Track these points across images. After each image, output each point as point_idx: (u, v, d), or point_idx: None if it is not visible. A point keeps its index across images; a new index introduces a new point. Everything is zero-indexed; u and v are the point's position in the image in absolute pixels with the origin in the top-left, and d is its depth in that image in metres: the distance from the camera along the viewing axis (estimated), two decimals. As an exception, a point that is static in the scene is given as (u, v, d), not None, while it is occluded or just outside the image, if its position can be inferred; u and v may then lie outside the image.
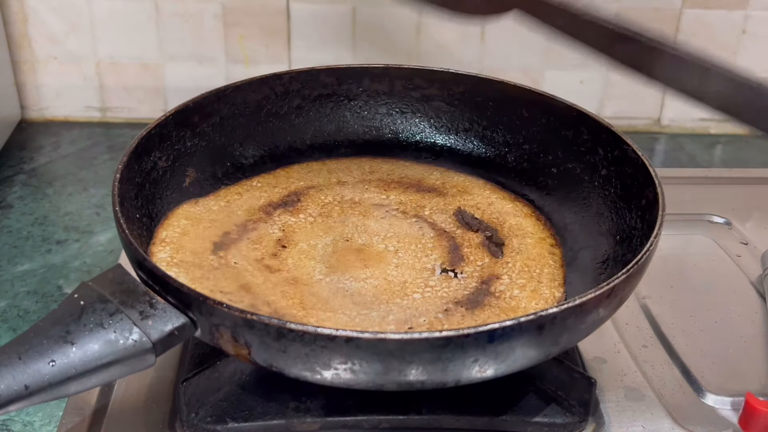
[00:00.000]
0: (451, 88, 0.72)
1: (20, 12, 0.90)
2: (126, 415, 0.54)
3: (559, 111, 0.67)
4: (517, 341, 0.45)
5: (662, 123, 0.98)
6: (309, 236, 0.62)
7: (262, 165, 0.70)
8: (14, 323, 0.64)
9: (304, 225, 0.64)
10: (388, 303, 0.56)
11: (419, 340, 0.43)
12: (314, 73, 0.71)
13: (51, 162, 0.88)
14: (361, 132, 0.73)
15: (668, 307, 0.66)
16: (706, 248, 0.74)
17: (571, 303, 0.46)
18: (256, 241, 0.61)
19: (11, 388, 0.42)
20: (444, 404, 0.54)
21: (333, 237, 0.63)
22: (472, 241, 0.63)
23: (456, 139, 0.73)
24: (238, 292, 0.55)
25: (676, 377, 0.59)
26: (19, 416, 0.56)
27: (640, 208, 0.58)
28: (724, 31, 0.92)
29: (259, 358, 0.46)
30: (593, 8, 0.53)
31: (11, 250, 0.73)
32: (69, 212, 0.79)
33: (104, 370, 0.45)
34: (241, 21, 0.91)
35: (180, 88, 0.94)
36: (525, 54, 0.93)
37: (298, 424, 0.53)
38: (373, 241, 0.62)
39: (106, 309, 0.46)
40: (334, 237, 0.63)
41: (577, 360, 0.59)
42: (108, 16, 0.90)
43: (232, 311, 0.44)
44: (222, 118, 0.67)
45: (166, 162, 0.63)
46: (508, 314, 0.55)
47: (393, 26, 0.91)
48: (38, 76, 0.93)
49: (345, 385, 0.46)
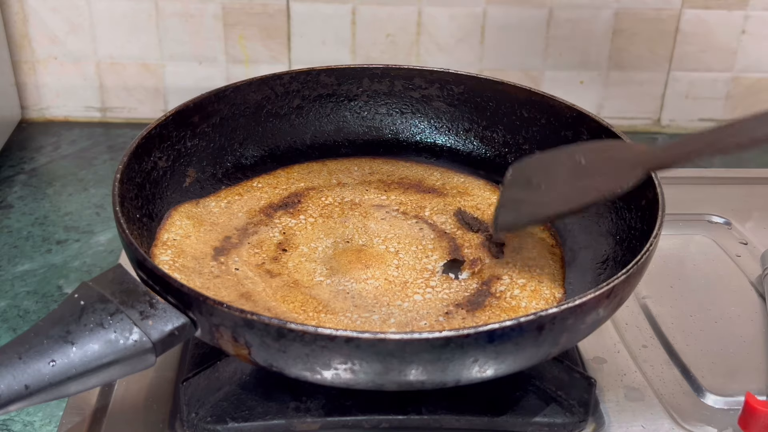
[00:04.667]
0: (451, 88, 0.72)
1: (20, 12, 0.90)
2: (126, 415, 0.54)
3: (558, 111, 0.67)
4: (517, 341, 0.45)
5: (662, 123, 0.98)
6: (309, 238, 0.62)
7: (262, 165, 0.70)
8: (14, 323, 0.64)
9: (304, 227, 0.64)
10: (389, 305, 0.56)
11: (419, 340, 0.43)
12: (314, 73, 0.71)
13: (51, 162, 0.88)
14: (361, 132, 0.73)
15: (668, 307, 0.66)
16: (706, 248, 0.74)
17: (571, 303, 0.46)
18: (257, 245, 0.61)
19: (11, 388, 0.42)
20: (444, 404, 0.54)
21: (333, 238, 0.63)
22: (472, 242, 0.63)
23: (456, 140, 0.73)
24: (239, 300, 0.55)
25: (676, 377, 0.59)
26: (20, 416, 0.56)
27: (640, 208, 0.58)
28: (724, 31, 0.92)
29: (259, 358, 0.46)
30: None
31: (11, 250, 0.73)
32: (69, 212, 0.79)
33: (104, 370, 0.45)
34: (241, 21, 0.91)
35: (180, 88, 0.94)
36: (525, 54, 0.93)
37: (298, 424, 0.53)
38: (373, 242, 0.62)
39: (106, 309, 0.46)
40: (334, 238, 0.63)
41: (577, 360, 0.59)
42: (108, 16, 0.90)
43: (232, 311, 0.44)
44: (222, 119, 0.67)
45: (167, 162, 0.63)
46: (509, 314, 0.55)
47: (393, 26, 0.91)
48: (38, 76, 0.93)
49: (345, 385, 0.46)
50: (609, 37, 0.92)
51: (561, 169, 0.57)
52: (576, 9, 0.91)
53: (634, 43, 0.92)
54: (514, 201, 0.59)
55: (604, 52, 0.93)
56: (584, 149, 0.58)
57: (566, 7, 0.90)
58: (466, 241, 0.63)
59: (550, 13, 0.91)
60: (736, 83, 0.95)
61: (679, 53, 0.93)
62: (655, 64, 0.94)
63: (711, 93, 0.96)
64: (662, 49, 0.93)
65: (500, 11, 0.90)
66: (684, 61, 0.94)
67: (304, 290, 0.57)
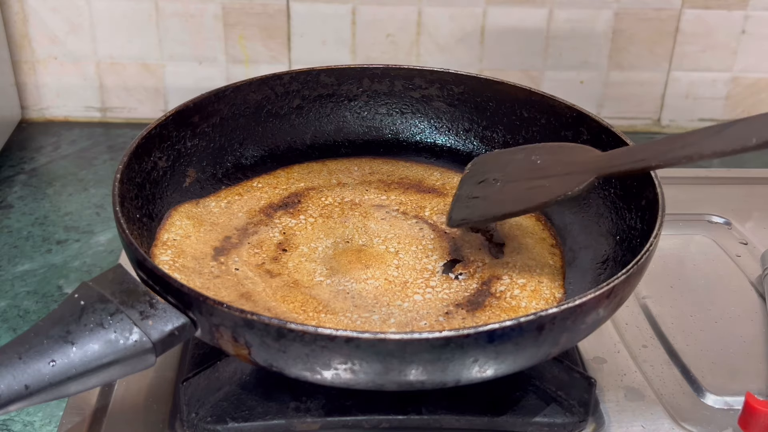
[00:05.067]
0: (451, 89, 0.72)
1: (20, 12, 0.90)
2: (126, 415, 0.54)
3: (558, 111, 0.67)
4: (517, 341, 0.45)
5: (662, 123, 0.98)
6: (309, 238, 0.62)
7: (262, 165, 0.70)
8: (14, 323, 0.64)
9: (304, 227, 0.64)
10: (389, 305, 0.56)
11: (419, 340, 0.43)
12: (314, 73, 0.71)
13: (51, 162, 0.88)
14: (361, 132, 0.73)
15: (668, 307, 0.66)
16: (706, 248, 0.74)
17: (571, 303, 0.46)
18: (257, 245, 0.61)
19: (11, 388, 0.42)
20: (444, 404, 0.54)
21: (333, 239, 0.63)
22: (472, 242, 0.63)
23: (456, 140, 0.73)
24: (239, 300, 0.55)
25: (676, 377, 0.59)
26: (20, 416, 0.56)
27: (640, 209, 0.58)
28: (724, 31, 0.92)
29: (259, 358, 0.46)
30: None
31: (11, 250, 0.73)
32: (69, 212, 0.79)
33: (104, 370, 0.45)
34: (241, 21, 0.91)
35: (180, 88, 0.94)
36: (525, 54, 0.93)
37: (298, 424, 0.53)
38: (373, 242, 0.62)
39: (106, 309, 0.46)
40: (334, 239, 0.63)
41: (577, 360, 0.59)
42: (108, 16, 0.90)
43: (232, 311, 0.44)
44: (222, 119, 0.67)
45: (167, 162, 0.63)
46: (509, 314, 0.55)
47: (393, 26, 0.91)
48: (38, 76, 0.93)
49: (345, 385, 0.46)
50: (609, 37, 0.92)
51: (517, 167, 0.58)
52: (576, 9, 0.91)
53: (634, 43, 0.92)
54: (468, 197, 0.59)
55: (604, 52, 0.93)
56: (541, 149, 0.59)
57: (566, 7, 0.90)
58: (466, 241, 0.63)
59: (550, 13, 0.91)
60: (736, 83, 0.95)
61: (679, 53, 0.93)
62: (655, 64, 0.94)
63: (711, 93, 0.96)
64: (662, 49, 0.93)
65: (500, 11, 0.90)
66: (684, 61, 0.94)
67: (304, 290, 0.57)
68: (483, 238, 0.63)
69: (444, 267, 0.60)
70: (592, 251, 0.60)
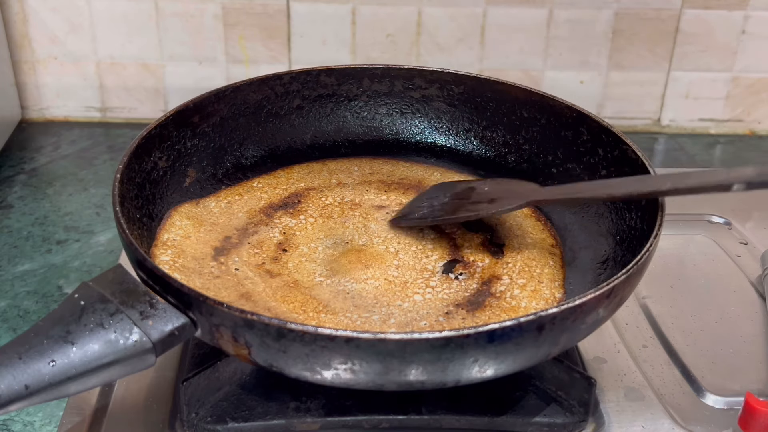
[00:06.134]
0: (451, 89, 0.72)
1: (20, 12, 0.90)
2: (126, 415, 0.54)
3: (558, 111, 0.67)
4: (517, 341, 0.45)
5: (662, 123, 0.98)
6: (309, 239, 0.62)
7: (262, 165, 0.70)
8: (14, 323, 0.64)
9: (304, 227, 0.64)
10: (389, 305, 0.56)
11: (419, 340, 0.43)
12: (314, 73, 0.71)
13: (51, 162, 0.88)
14: (361, 132, 0.73)
15: (668, 307, 0.66)
16: (706, 248, 0.74)
17: (571, 303, 0.46)
18: (257, 245, 0.61)
19: (11, 388, 0.42)
20: (444, 404, 0.54)
21: (333, 239, 0.63)
22: (472, 242, 0.63)
23: (456, 140, 0.73)
24: (239, 300, 0.55)
25: (676, 377, 0.59)
26: (20, 416, 0.56)
27: (640, 208, 0.58)
28: (724, 31, 0.92)
29: (259, 358, 0.46)
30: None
31: (11, 250, 0.73)
32: (69, 212, 0.79)
33: (104, 370, 0.45)
34: (241, 21, 0.91)
35: (180, 88, 0.94)
36: (525, 54, 0.93)
37: (298, 424, 0.53)
38: (373, 243, 0.62)
39: (106, 309, 0.46)
40: (334, 239, 0.63)
41: (577, 360, 0.59)
42: (108, 16, 0.90)
43: (232, 311, 0.44)
44: (222, 119, 0.67)
45: (167, 162, 0.63)
46: (509, 314, 0.55)
47: (393, 26, 0.91)
48: (38, 76, 0.93)
49: (345, 385, 0.46)
50: (609, 37, 0.92)
51: (466, 191, 0.64)
52: (576, 9, 0.91)
53: (634, 43, 0.93)
54: (416, 206, 0.65)
55: (604, 52, 0.93)
56: (492, 182, 0.65)
57: (566, 7, 0.90)
58: (466, 241, 0.63)
59: (550, 13, 0.91)
60: (736, 83, 0.95)
61: (679, 53, 0.93)
62: (655, 64, 0.94)
63: (711, 93, 0.96)
64: (662, 49, 0.93)
65: (500, 11, 0.90)
66: (684, 61, 0.94)
67: (304, 290, 0.57)
68: (483, 238, 0.63)
69: (444, 267, 0.60)
70: (592, 251, 0.60)
